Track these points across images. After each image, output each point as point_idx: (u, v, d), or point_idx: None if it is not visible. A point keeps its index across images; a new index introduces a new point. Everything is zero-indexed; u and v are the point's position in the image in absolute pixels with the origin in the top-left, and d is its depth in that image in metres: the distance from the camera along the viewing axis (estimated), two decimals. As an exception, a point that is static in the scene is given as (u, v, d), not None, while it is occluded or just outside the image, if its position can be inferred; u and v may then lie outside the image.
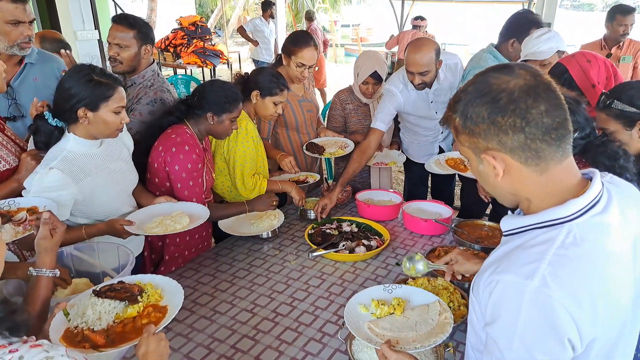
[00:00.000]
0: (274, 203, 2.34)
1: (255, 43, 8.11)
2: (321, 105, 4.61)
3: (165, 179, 2.06)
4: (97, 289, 1.41)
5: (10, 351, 0.80)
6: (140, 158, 2.09)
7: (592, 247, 0.85)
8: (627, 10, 3.99)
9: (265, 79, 2.41)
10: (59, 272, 1.37)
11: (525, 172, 0.90)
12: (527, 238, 0.91)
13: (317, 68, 2.54)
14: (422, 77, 2.54)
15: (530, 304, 0.82)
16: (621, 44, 4.08)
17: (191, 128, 2.10)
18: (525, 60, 2.46)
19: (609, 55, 3.98)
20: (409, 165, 3.14)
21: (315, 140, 2.91)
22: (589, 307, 0.82)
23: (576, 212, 0.88)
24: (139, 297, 1.39)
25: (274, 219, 2.33)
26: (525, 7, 7.56)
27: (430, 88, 2.69)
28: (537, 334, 0.83)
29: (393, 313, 1.43)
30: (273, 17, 8.22)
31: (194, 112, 2.11)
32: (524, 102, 0.86)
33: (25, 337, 0.86)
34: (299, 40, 2.68)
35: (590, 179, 0.93)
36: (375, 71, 2.78)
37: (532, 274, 0.83)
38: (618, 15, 3.97)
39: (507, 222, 0.98)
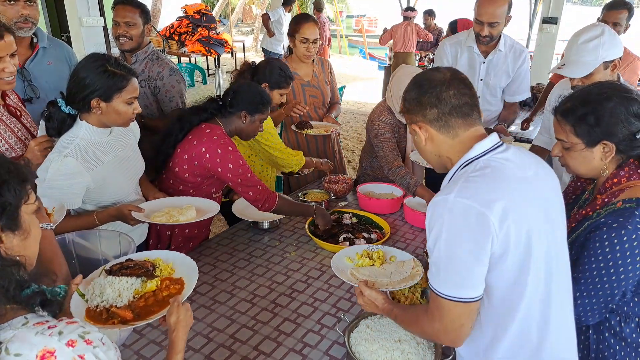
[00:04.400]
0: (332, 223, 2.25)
1: (271, 33, 8.08)
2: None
3: (200, 175, 2.07)
4: (108, 268, 1.41)
5: (49, 327, 0.83)
6: (166, 149, 2.12)
7: (494, 170, 1.15)
8: (612, 5, 3.26)
9: (275, 73, 2.54)
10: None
11: (442, 137, 1.23)
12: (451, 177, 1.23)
13: (321, 42, 2.68)
14: (491, 28, 2.52)
15: (450, 210, 1.09)
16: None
17: (222, 127, 2.13)
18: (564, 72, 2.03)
19: None
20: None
21: (312, 122, 3.00)
22: (499, 206, 1.07)
23: (482, 152, 1.18)
24: (154, 272, 1.40)
25: None
26: (533, 1, 7.50)
27: (485, 58, 2.71)
28: (458, 233, 1.08)
29: (374, 265, 1.71)
30: (291, 12, 8.26)
31: (227, 110, 2.14)
32: (439, 88, 1.20)
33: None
34: (298, 19, 2.94)
35: None
36: None
37: (450, 191, 1.11)
38: (605, 9, 3.31)
39: (445, 180, 1.25)
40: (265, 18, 8.10)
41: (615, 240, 1.27)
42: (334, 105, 3.21)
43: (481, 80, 2.76)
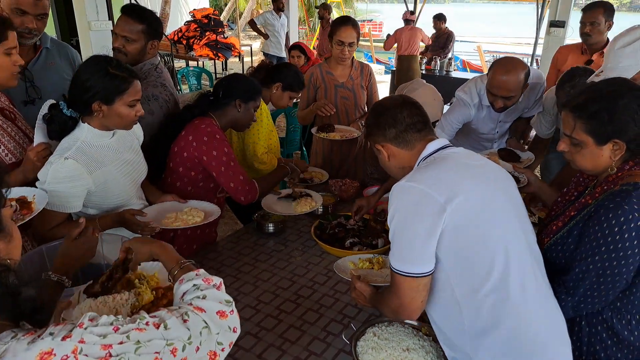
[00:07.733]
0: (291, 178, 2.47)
1: (266, 36, 8.06)
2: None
3: (193, 168, 2.10)
4: (83, 291, 1.31)
5: (38, 335, 0.81)
6: (162, 148, 2.14)
7: (442, 159, 1.31)
8: (587, 7, 3.31)
9: (291, 76, 2.60)
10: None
11: (402, 152, 1.40)
12: None
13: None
14: (505, 101, 2.35)
15: (401, 192, 1.26)
16: (604, 50, 3.24)
17: (216, 120, 2.15)
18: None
19: (589, 62, 3.25)
20: None
21: (337, 126, 2.99)
22: (444, 185, 1.22)
23: (434, 149, 1.35)
24: (128, 258, 1.31)
25: (311, 200, 2.41)
26: (540, 5, 7.45)
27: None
28: (406, 211, 1.23)
29: (372, 268, 1.83)
30: (282, 10, 8.11)
31: (220, 102, 2.17)
32: (394, 110, 1.39)
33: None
34: (336, 21, 2.94)
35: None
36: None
37: (404, 180, 1.29)
38: (582, 11, 3.35)
39: None
40: (252, 24, 8.09)
41: (614, 221, 1.24)
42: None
43: (500, 121, 2.66)
